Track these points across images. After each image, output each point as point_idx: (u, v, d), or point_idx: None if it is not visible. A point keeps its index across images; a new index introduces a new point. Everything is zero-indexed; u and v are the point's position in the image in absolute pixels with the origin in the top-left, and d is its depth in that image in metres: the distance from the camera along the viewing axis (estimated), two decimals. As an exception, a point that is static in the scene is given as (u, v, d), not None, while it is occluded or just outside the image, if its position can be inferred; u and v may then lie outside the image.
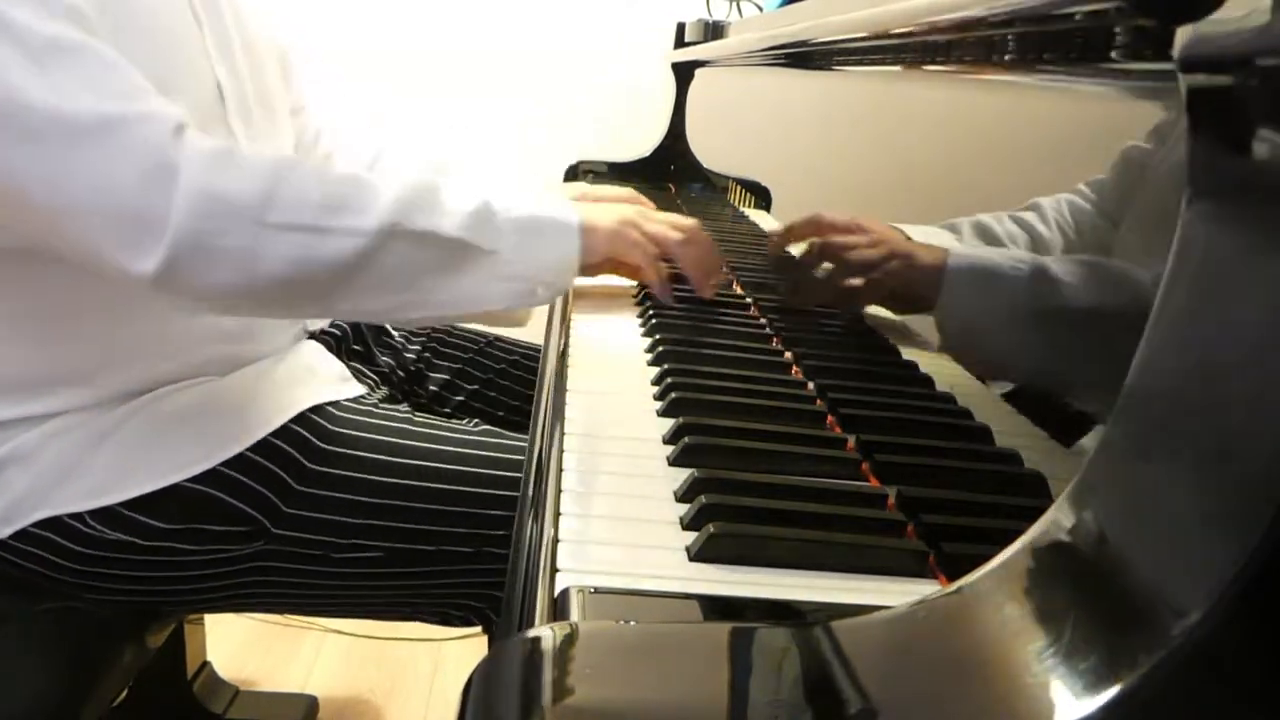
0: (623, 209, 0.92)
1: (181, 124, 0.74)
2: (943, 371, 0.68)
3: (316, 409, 0.94)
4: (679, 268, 0.94)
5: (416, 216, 0.79)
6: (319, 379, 0.98)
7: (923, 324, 0.73)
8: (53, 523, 0.86)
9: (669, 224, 0.93)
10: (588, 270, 0.90)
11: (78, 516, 0.86)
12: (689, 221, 0.95)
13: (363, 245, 0.77)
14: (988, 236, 0.65)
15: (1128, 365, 0.34)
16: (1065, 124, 0.57)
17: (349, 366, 1.06)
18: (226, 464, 0.88)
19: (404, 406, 1.04)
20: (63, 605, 0.89)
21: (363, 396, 1.01)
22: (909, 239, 0.74)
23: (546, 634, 0.39)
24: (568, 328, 0.88)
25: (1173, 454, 0.32)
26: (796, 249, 0.97)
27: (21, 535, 0.86)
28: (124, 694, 0.97)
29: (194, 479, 0.87)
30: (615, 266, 0.94)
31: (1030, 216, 0.59)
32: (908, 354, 0.74)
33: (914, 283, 0.72)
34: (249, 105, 0.97)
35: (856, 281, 0.82)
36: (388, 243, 0.78)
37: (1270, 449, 0.29)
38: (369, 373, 1.12)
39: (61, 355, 0.87)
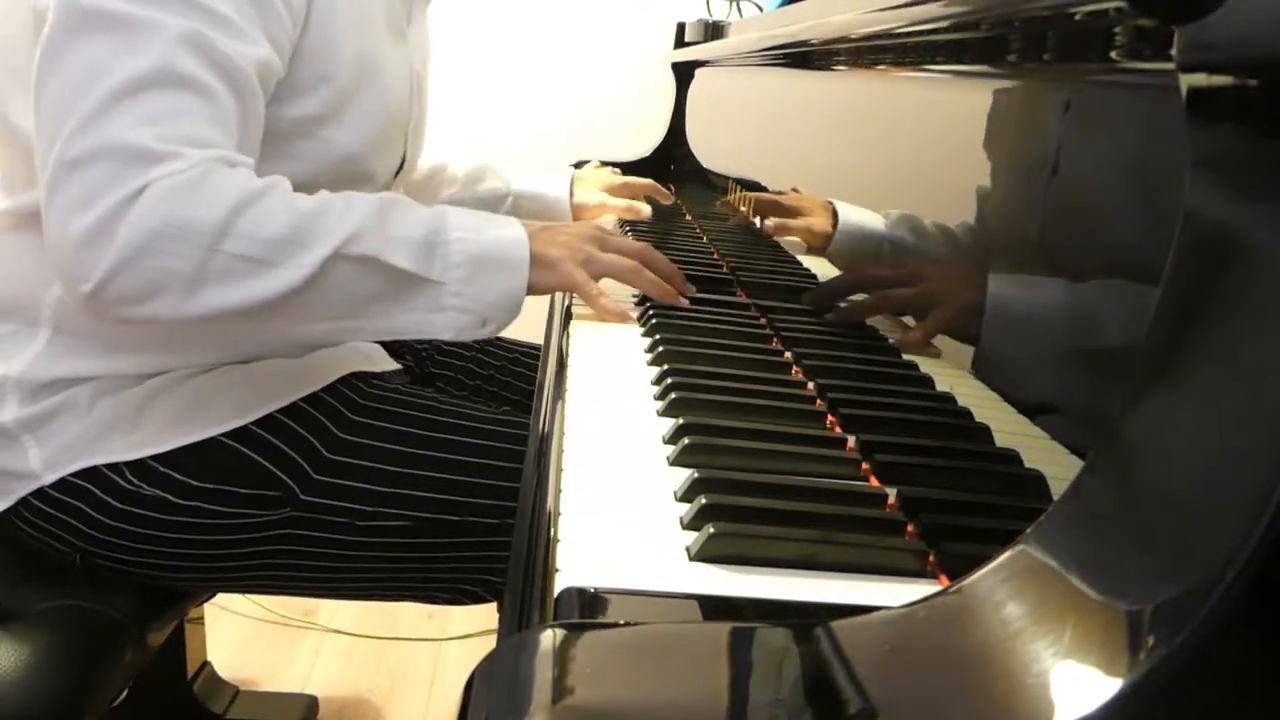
0: (575, 238, 0.91)
1: (205, 166, 0.76)
2: (943, 371, 0.68)
3: (348, 379, 0.97)
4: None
5: (362, 242, 0.79)
6: (355, 351, 1.02)
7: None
8: (92, 473, 0.88)
9: (621, 250, 0.93)
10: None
11: (116, 469, 0.88)
12: (639, 245, 0.95)
13: (305, 275, 0.77)
14: (913, 225, 0.65)
15: (1124, 363, 0.34)
16: (1065, 124, 0.57)
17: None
18: (260, 424, 0.91)
19: (430, 388, 1.06)
20: (65, 604, 0.89)
21: (394, 373, 1.05)
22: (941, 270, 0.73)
23: (546, 634, 0.39)
24: (568, 327, 0.88)
25: (1171, 454, 0.32)
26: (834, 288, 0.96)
27: (61, 485, 0.88)
28: (124, 694, 0.97)
29: (228, 434, 0.90)
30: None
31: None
32: (908, 354, 0.74)
33: (954, 320, 0.72)
34: (407, 176, 1.06)
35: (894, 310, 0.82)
36: (330, 269, 0.78)
37: (1269, 449, 0.29)
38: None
39: (134, 329, 0.88)
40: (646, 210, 1.39)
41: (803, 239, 1.06)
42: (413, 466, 0.92)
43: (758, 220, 1.22)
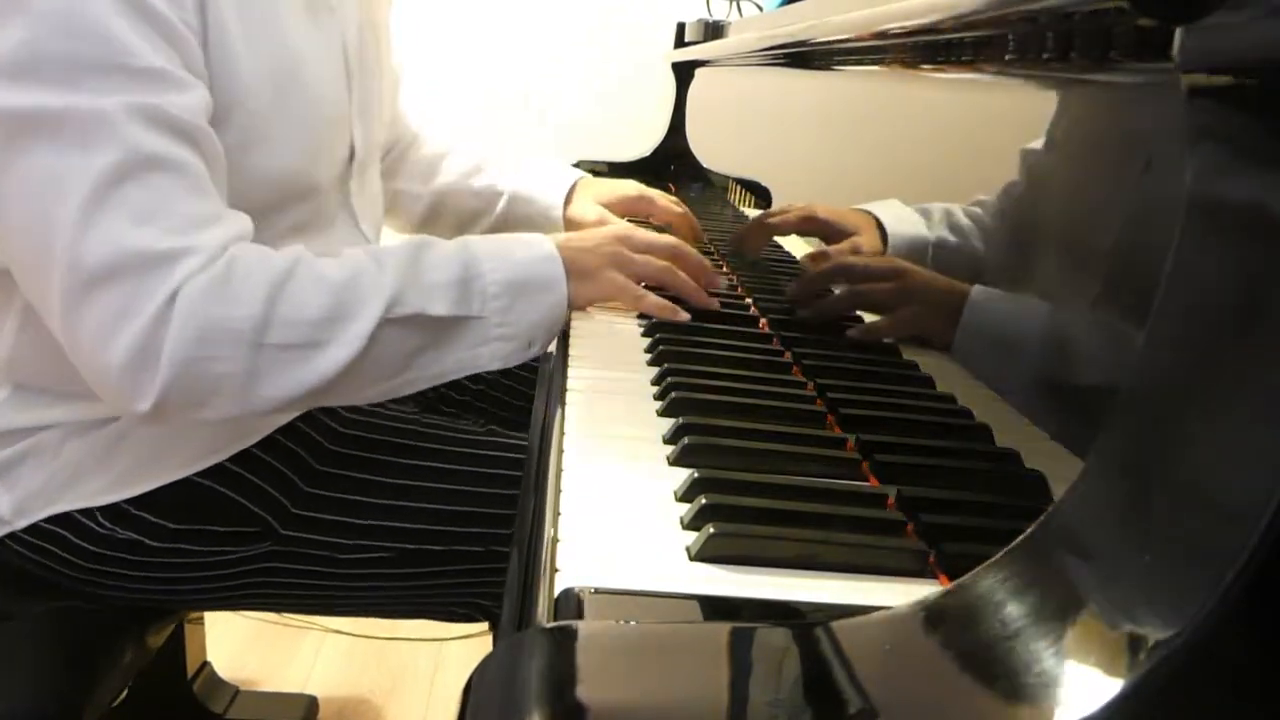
0: (605, 241, 0.90)
1: (215, 253, 0.74)
2: (943, 371, 0.68)
3: (325, 409, 0.94)
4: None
5: (403, 302, 0.78)
6: None
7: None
8: (64, 519, 0.86)
9: (650, 249, 0.91)
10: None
11: (89, 513, 0.86)
12: (668, 241, 0.93)
13: (357, 349, 0.77)
14: (952, 222, 0.65)
15: (1124, 362, 0.34)
16: (1065, 124, 0.57)
17: None
18: (234, 460, 0.89)
19: (410, 406, 1.04)
20: (63, 605, 0.89)
21: None
22: (925, 275, 0.73)
23: (547, 634, 0.39)
24: (568, 328, 0.88)
25: (1172, 454, 0.32)
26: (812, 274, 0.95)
27: (33, 529, 0.86)
28: (124, 694, 0.97)
29: (202, 474, 0.88)
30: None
31: (979, 211, 0.59)
32: (908, 354, 0.74)
33: (931, 325, 0.72)
34: (367, 160, 1.00)
35: (871, 315, 0.81)
36: (379, 336, 0.77)
37: (1270, 449, 0.29)
38: None
39: None
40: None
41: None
42: (394, 497, 0.90)
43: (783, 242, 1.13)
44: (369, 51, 0.99)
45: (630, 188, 1.25)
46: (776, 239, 1.13)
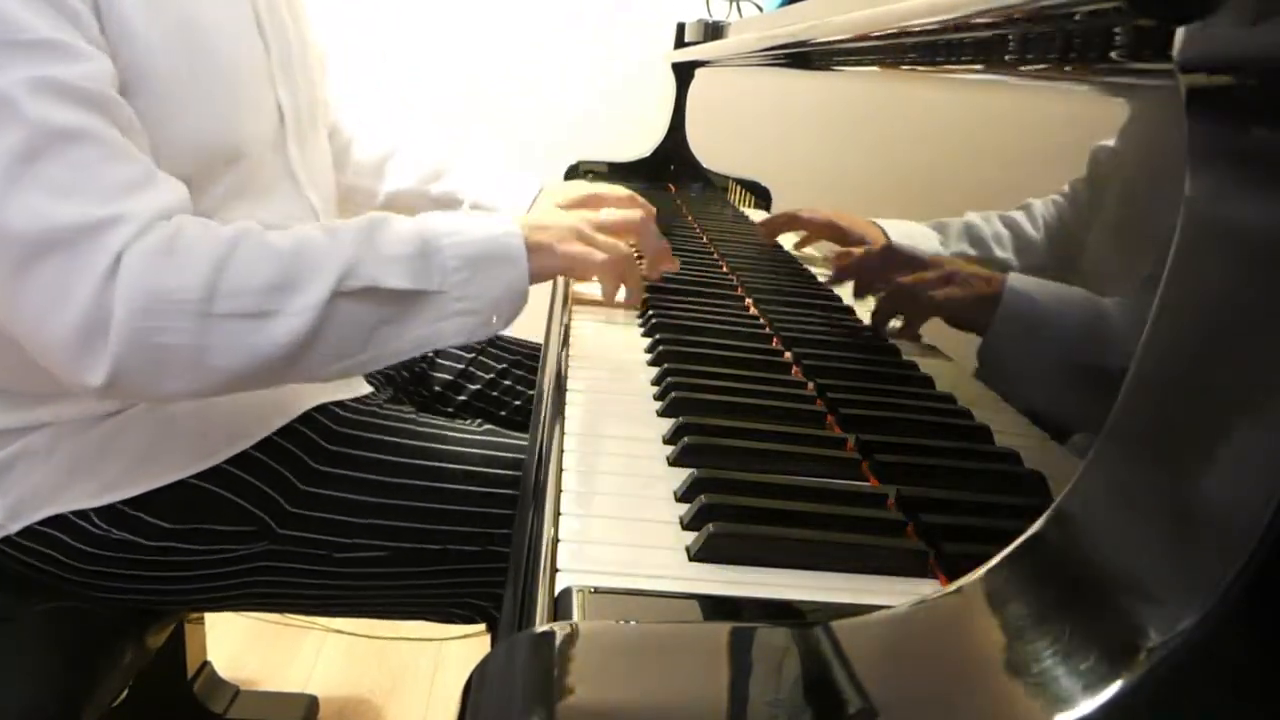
0: (566, 216, 0.90)
1: (151, 221, 0.73)
2: (943, 371, 0.68)
3: (321, 408, 0.94)
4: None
5: (357, 274, 0.78)
6: None
7: (923, 326, 0.73)
8: (59, 520, 0.86)
9: (612, 231, 0.92)
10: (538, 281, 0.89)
11: (84, 515, 0.86)
12: (626, 220, 0.94)
13: (310, 320, 0.76)
14: (974, 236, 0.65)
15: (1123, 362, 0.34)
16: (1065, 124, 0.57)
17: None
18: (231, 462, 0.88)
19: (408, 407, 1.03)
20: (63, 605, 0.89)
21: (368, 396, 1.01)
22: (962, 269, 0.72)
23: (546, 634, 0.39)
24: (568, 328, 0.88)
25: (1172, 453, 0.32)
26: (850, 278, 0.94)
27: (28, 532, 0.86)
28: (124, 694, 0.97)
29: (199, 476, 0.87)
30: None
31: (1019, 216, 0.59)
32: (908, 354, 0.74)
33: (967, 313, 0.71)
34: (303, 124, 0.98)
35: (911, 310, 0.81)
36: (332, 308, 0.76)
37: (1270, 449, 0.29)
38: (374, 374, 1.12)
39: None
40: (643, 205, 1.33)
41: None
42: (390, 496, 0.90)
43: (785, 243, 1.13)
44: (279, 12, 0.97)
45: (582, 188, 1.25)
46: (777, 240, 1.13)
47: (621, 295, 0.96)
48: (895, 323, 0.79)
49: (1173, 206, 0.34)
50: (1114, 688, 0.29)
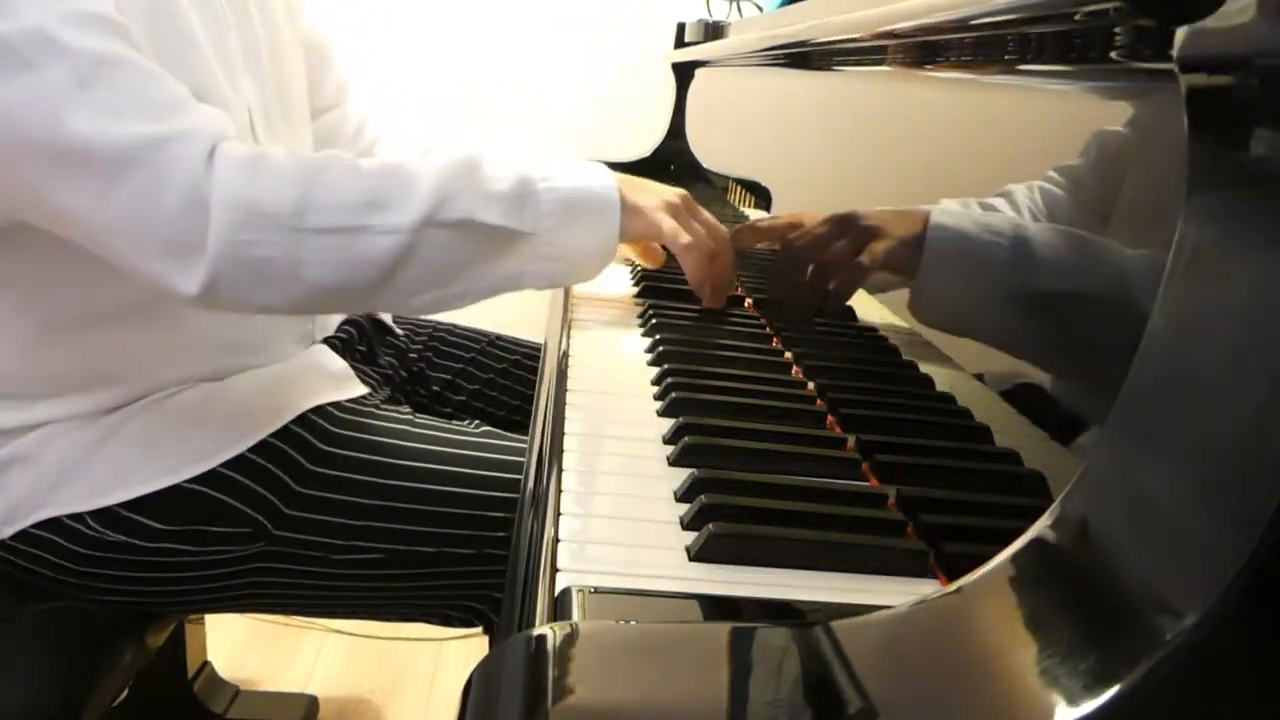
0: (666, 191, 0.91)
1: (216, 136, 0.75)
2: (943, 371, 0.68)
3: (318, 410, 0.94)
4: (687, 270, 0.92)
5: (454, 205, 0.79)
6: (321, 379, 0.98)
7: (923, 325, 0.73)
8: (53, 524, 0.86)
9: (708, 225, 0.91)
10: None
11: (78, 518, 0.86)
12: (721, 230, 0.93)
13: (403, 241, 0.77)
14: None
15: (1123, 361, 0.34)
16: (1065, 124, 0.57)
17: (352, 366, 1.06)
18: (227, 465, 0.88)
19: (405, 408, 1.03)
20: (63, 605, 0.89)
21: (364, 397, 1.00)
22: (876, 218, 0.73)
23: (546, 634, 0.39)
24: (569, 328, 0.88)
25: (1172, 454, 0.32)
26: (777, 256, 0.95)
27: (22, 536, 0.86)
28: (124, 694, 0.97)
29: (194, 479, 0.87)
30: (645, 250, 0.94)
31: (1000, 203, 0.59)
32: (908, 354, 0.74)
33: (895, 252, 0.71)
34: (271, 113, 0.98)
35: (843, 274, 0.81)
36: (427, 235, 0.78)
37: (1270, 449, 0.29)
38: (371, 373, 1.12)
39: (68, 364, 0.86)
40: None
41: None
42: (386, 498, 0.89)
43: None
44: (247, 5, 0.96)
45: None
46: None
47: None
48: (836, 285, 0.79)
49: (1173, 205, 0.34)
50: (1114, 688, 0.29)
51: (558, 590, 0.44)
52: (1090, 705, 0.29)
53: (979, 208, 0.62)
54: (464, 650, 1.68)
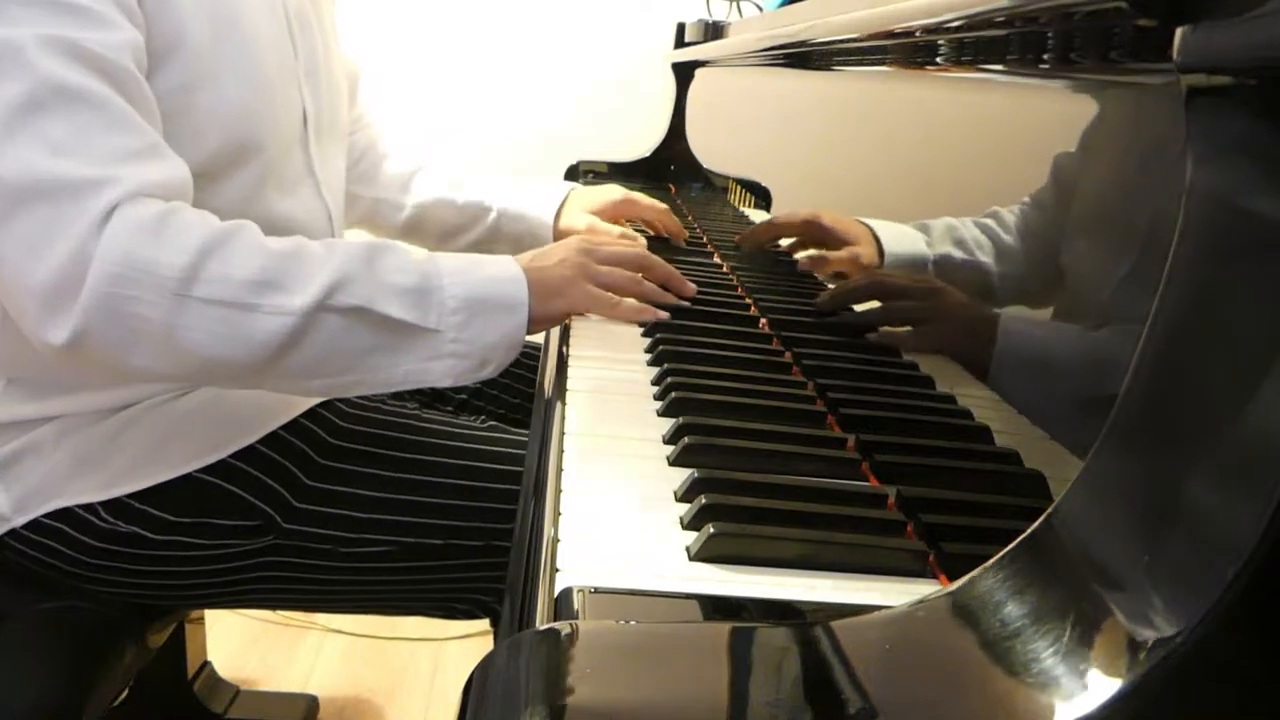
0: (569, 255, 0.89)
1: (136, 192, 0.73)
2: (943, 371, 0.68)
3: (326, 404, 0.95)
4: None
5: (350, 291, 0.76)
6: None
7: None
8: (65, 514, 0.86)
9: (617, 260, 0.90)
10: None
11: (90, 508, 0.86)
12: (633, 251, 0.92)
13: (291, 324, 0.74)
14: (956, 237, 0.65)
15: (1124, 365, 0.34)
16: (1065, 124, 0.57)
17: None
18: (236, 456, 0.89)
19: (411, 403, 1.04)
20: (64, 604, 0.89)
21: None
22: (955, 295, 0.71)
23: (546, 634, 0.39)
24: (568, 327, 0.88)
25: (1172, 455, 0.32)
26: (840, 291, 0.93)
27: (34, 526, 0.87)
28: (124, 694, 0.97)
29: (204, 470, 0.88)
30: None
31: (992, 224, 0.59)
32: (908, 354, 0.74)
33: (959, 345, 0.70)
34: (324, 129, 0.99)
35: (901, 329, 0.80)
36: (318, 319, 0.75)
37: (1269, 449, 0.29)
38: None
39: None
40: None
41: (848, 270, 0.93)
42: (394, 491, 0.90)
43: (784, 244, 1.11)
44: (308, 19, 0.98)
45: (615, 192, 1.25)
46: (781, 240, 1.13)
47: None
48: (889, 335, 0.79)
49: (1171, 205, 0.34)
50: (1114, 688, 0.29)
51: (558, 590, 0.44)
52: (1090, 705, 0.29)
53: (975, 228, 0.61)
54: (464, 650, 1.69)
